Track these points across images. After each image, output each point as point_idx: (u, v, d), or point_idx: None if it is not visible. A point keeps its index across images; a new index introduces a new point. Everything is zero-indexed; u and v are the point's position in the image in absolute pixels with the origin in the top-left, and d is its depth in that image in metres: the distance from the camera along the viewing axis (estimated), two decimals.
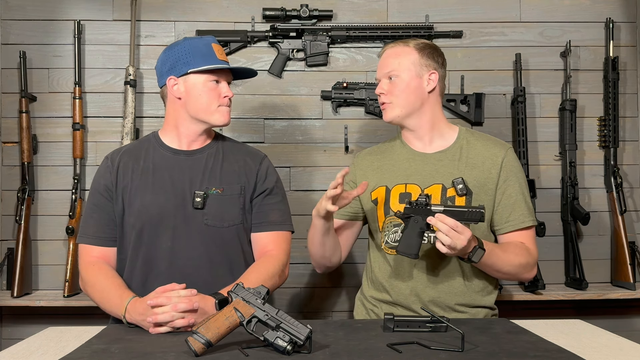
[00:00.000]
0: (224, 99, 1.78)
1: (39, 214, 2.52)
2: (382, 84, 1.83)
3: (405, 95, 1.80)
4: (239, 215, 1.77)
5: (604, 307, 2.55)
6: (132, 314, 1.53)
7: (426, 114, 1.83)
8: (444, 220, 1.54)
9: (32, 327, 2.42)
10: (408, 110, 1.81)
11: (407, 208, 1.63)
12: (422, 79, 1.81)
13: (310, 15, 2.52)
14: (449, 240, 1.54)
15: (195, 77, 1.75)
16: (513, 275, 1.77)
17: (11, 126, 2.51)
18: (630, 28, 2.63)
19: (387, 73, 1.82)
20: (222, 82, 1.78)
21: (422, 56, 1.82)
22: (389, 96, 1.81)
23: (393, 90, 1.80)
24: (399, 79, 1.80)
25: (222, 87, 1.78)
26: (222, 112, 1.78)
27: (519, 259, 1.73)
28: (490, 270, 1.73)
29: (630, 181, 2.62)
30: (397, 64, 1.81)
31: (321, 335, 1.40)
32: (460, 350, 1.28)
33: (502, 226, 1.80)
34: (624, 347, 1.36)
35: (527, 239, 1.79)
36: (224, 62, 1.78)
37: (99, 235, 1.76)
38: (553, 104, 2.60)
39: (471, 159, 1.81)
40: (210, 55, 1.76)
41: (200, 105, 1.76)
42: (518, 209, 1.79)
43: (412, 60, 1.81)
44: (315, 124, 2.58)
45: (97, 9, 2.55)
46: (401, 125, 1.86)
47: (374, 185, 1.86)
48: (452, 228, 1.54)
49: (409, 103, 1.80)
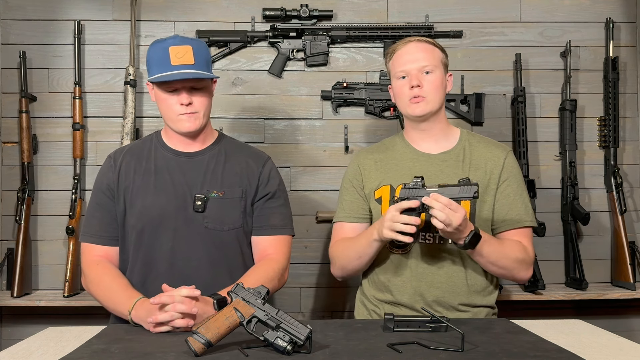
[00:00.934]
0: (180, 107, 1.68)
1: (39, 214, 2.52)
2: (419, 77, 1.76)
3: (438, 92, 1.78)
4: (240, 218, 1.76)
5: (604, 307, 2.55)
6: (139, 313, 1.53)
7: (441, 115, 1.83)
8: (437, 199, 1.55)
9: (32, 327, 2.42)
10: (437, 107, 1.79)
11: (403, 190, 1.63)
12: (445, 76, 1.81)
13: (310, 15, 2.52)
14: (443, 215, 1.53)
15: (155, 85, 1.71)
16: (509, 271, 1.74)
17: (11, 126, 2.51)
18: (630, 28, 2.63)
19: (423, 67, 1.76)
20: (181, 89, 1.67)
21: (445, 56, 1.83)
22: (424, 90, 1.76)
23: (429, 84, 1.76)
24: (434, 74, 1.77)
25: (180, 94, 1.68)
26: (183, 120, 1.70)
27: (515, 254, 1.72)
28: (486, 263, 1.71)
29: (630, 181, 2.62)
30: (432, 59, 1.77)
31: (321, 335, 1.40)
32: (460, 350, 1.28)
33: (499, 225, 1.80)
34: (624, 347, 1.36)
35: (524, 239, 1.78)
36: (181, 67, 1.65)
37: (102, 234, 1.76)
38: (553, 104, 2.60)
39: (474, 160, 1.81)
40: (163, 63, 1.65)
41: (163, 114, 1.73)
42: (515, 208, 1.79)
43: (440, 58, 1.81)
44: (315, 124, 2.58)
45: (97, 9, 2.55)
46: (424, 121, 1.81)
47: (377, 183, 1.85)
48: (446, 206, 1.54)
49: (439, 100, 1.79)
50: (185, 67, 1.65)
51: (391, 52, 1.84)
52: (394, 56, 1.82)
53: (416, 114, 1.78)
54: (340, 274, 1.88)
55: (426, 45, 1.80)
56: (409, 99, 1.78)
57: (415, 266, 1.78)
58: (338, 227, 1.91)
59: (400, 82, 1.80)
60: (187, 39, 1.71)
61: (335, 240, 1.89)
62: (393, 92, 1.85)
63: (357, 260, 1.79)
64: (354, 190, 1.89)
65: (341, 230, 1.89)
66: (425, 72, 1.77)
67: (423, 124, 1.82)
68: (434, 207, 1.55)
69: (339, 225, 1.90)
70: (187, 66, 1.66)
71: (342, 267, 1.85)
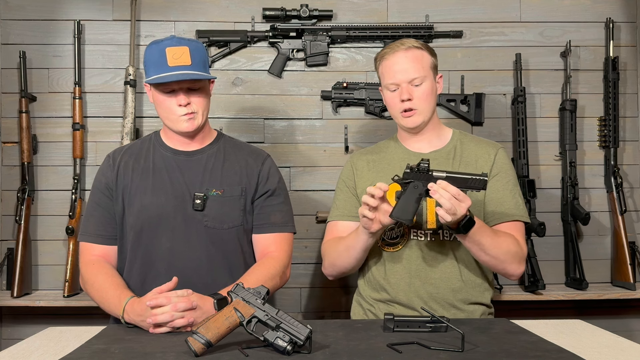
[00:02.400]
0: (179, 108, 1.69)
1: (39, 214, 2.52)
2: (409, 90, 1.77)
3: (430, 101, 1.79)
4: (240, 216, 1.76)
5: (604, 307, 2.55)
6: (131, 314, 1.53)
7: (434, 117, 1.85)
8: (446, 188, 1.53)
9: (32, 327, 2.42)
10: (430, 115, 1.81)
11: (407, 173, 1.58)
12: (434, 82, 1.82)
13: (310, 15, 2.51)
14: (450, 205, 1.52)
15: (153, 86, 1.71)
16: (500, 262, 1.71)
17: (11, 126, 2.51)
18: (630, 28, 2.63)
19: (413, 79, 1.77)
20: (178, 90, 1.68)
21: (433, 58, 1.83)
22: (415, 102, 1.77)
23: (420, 96, 1.78)
24: (424, 85, 1.78)
25: (178, 95, 1.68)
26: (182, 121, 1.71)
27: (507, 245, 1.71)
28: (477, 250, 1.68)
29: (630, 181, 2.62)
30: (421, 70, 1.78)
31: (321, 335, 1.40)
32: (460, 350, 1.28)
33: (490, 218, 1.79)
34: (624, 347, 1.36)
35: (516, 233, 1.77)
36: (178, 68, 1.65)
37: (100, 233, 1.76)
38: (553, 104, 2.60)
39: (465, 157, 1.83)
40: (160, 64, 1.66)
41: (162, 115, 1.74)
42: (506, 203, 1.79)
43: (429, 64, 1.81)
44: (315, 124, 2.58)
45: (97, 9, 2.55)
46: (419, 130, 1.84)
47: (370, 183, 1.85)
48: (454, 196, 1.53)
49: (431, 108, 1.81)
50: (182, 68, 1.66)
51: (380, 57, 1.84)
52: (382, 63, 1.83)
53: (409, 127, 1.81)
54: (330, 271, 1.88)
55: (415, 53, 1.79)
56: (400, 112, 1.80)
57: (409, 263, 1.78)
58: (331, 225, 1.92)
59: (390, 93, 1.81)
60: (184, 40, 1.71)
61: (327, 238, 1.91)
62: (384, 98, 1.87)
63: (346, 253, 1.78)
64: (347, 190, 1.91)
65: (334, 229, 1.90)
66: (415, 84, 1.77)
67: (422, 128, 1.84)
68: (441, 196, 1.53)
69: (333, 224, 1.92)
70: (184, 67, 1.66)
71: (332, 263, 1.85)
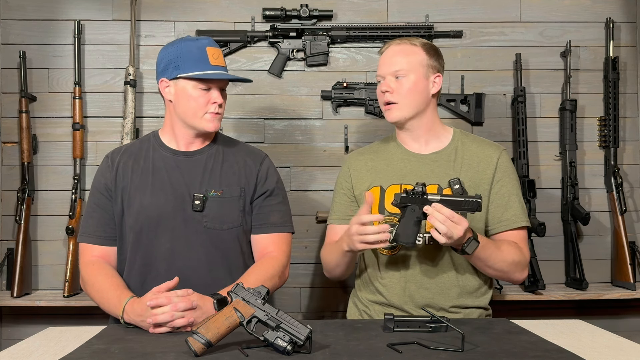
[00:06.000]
0: (212, 106, 1.72)
1: (39, 214, 2.52)
2: (389, 82, 1.77)
3: (413, 96, 1.76)
4: (239, 217, 1.76)
5: (604, 307, 2.55)
6: (130, 314, 1.53)
7: (427, 116, 1.81)
8: (440, 210, 1.53)
9: (32, 327, 2.42)
10: (413, 112, 1.78)
11: (404, 197, 1.59)
12: (428, 80, 1.78)
13: (310, 15, 2.51)
14: (445, 228, 1.52)
15: (185, 82, 1.71)
16: (505, 274, 1.73)
17: (11, 126, 2.51)
18: (630, 28, 2.63)
19: (395, 71, 1.76)
20: (213, 89, 1.72)
21: (430, 57, 1.79)
22: (395, 95, 1.76)
23: (400, 89, 1.76)
24: (407, 78, 1.75)
25: (212, 93, 1.72)
26: (210, 119, 1.73)
27: (511, 256, 1.71)
28: (482, 266, 1.70)
29: (630, 181, 2.62)
30: (406, 63, 1.76)
31: (321, 335, 1.40)
32: (460, 350, 1.28)
33: (495, 226, 1.79)
34: (624, 347, 1.36)
35: (519, 240, 1.78)
36: (218, 68, 1.71)
37: (100, 234, 1.76)
38: (553, 104, 2.60)
39: (466, 160, 1.80)
40: (202, 61, 1.70)
41: (188, 111, 1.73)
42: (511, 209, 1.78)
43: (420, 61, 1.77)
44: (315, 124, 2.58)
45: (97, 9, 2.55)
46: (402, 126, 1.83)
47: (368, 185, 1.85)
48: (449, 218, 1.52)
49: (415, 104, 1.77)
50: (221, 68, 1.74)
51: (379, 53, 1.86)
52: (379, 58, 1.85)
53: (389, 120, 1.81)
54: (329, 276, 1.92)
55: (405, 48, 1.78)
56: (383, 105, 1.80)
57: (405, 267, 1.77)
58: (330, 229, 1.93)
59: (378, 86, 1.83)
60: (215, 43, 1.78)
61: (326, 242, 1.91)
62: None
63: (337, 268, 1.83)
64: (343, 192, 1.90)
65: (332, 232, 1.90)
66: (397, 77, 1.76)
67: (409, 126, 1.82)
68: (435, 219, 1.53)
69: (331, 227, 1.92)
70: (222, 67, 1.75)
71: (328, 271, 1.89)
